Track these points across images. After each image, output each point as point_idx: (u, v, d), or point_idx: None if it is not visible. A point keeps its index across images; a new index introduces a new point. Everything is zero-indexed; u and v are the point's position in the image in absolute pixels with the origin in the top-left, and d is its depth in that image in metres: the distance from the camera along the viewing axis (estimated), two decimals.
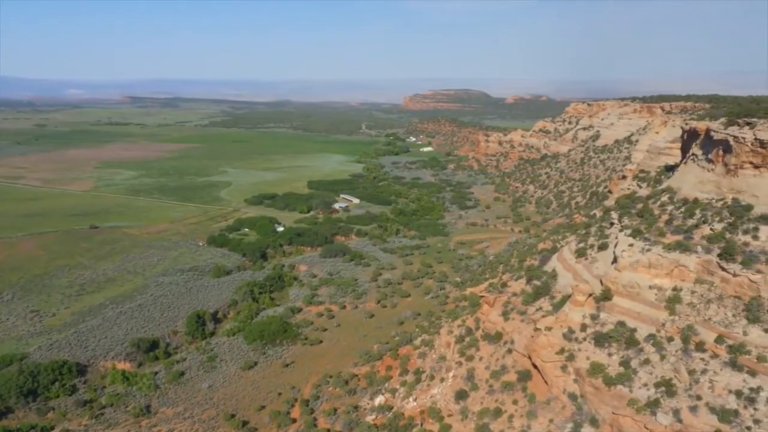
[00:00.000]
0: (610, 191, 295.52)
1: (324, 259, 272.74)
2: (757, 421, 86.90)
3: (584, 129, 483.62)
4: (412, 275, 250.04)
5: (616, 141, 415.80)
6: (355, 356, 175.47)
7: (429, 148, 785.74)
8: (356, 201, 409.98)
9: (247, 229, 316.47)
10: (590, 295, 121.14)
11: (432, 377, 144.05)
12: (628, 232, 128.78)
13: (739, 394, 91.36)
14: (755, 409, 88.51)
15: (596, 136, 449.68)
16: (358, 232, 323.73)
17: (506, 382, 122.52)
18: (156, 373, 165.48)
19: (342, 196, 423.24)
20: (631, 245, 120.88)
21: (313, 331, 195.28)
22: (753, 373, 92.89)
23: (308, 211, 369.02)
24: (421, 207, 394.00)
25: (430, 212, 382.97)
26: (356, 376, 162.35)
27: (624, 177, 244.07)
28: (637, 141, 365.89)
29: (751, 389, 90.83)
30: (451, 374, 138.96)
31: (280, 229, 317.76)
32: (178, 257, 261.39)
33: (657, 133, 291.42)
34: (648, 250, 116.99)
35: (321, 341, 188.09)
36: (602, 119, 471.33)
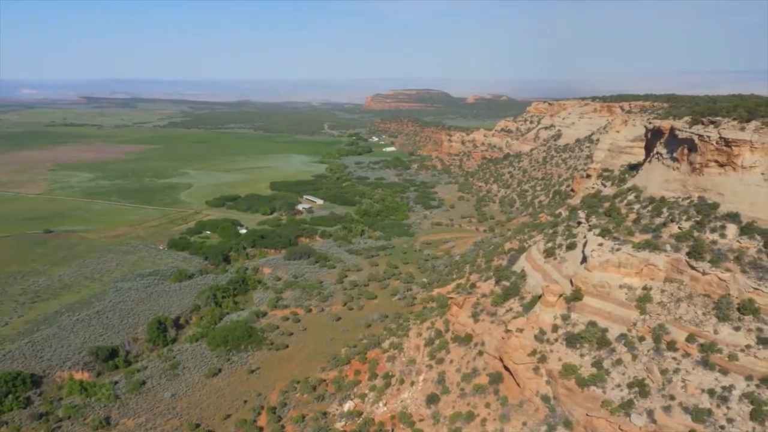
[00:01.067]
0: (573, 190, 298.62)
1: (288, 261, 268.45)
2: (730, 420, 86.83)
3: (546, 128, 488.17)
4: (378, 277, 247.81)
5: (578, 140, 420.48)
6: (322, 361, 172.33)
7: (392, 148, 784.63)
8: (320, 202, 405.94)
9: (209, 232, 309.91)
10: (561, 295, 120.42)
11: (402, 381, 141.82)
12: (597, 231, 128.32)
13: (711, 393, 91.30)
14: (728, 407, 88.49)
15: (558, 136, 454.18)
16: (323, 233, 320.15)
17: (478, 385, 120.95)
18: (116, 382, 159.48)
19: (305, 197, 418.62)
20: (600, 245, 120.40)
21: (278, 335, 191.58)
22: (725, 372, 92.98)
23: (271, 213, 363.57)
24: (385, 207, 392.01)
25: (394, 212, 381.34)
26: (324, 381, 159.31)
27: (588, 176, 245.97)
28: (598, 140, 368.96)
29: (724, 388, 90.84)
30: (421, 378, 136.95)
31: (243, 231, 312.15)
32: (138, 262, 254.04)
33: (618, 132, 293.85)
34: (617, 250, 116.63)
35: (287, 346, 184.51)
36: (563, 118, 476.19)
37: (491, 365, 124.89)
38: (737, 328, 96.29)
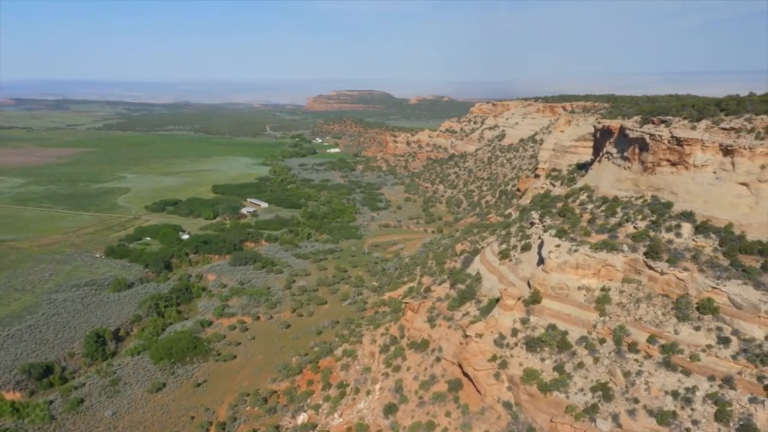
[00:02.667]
0: (519, 189, 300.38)
1: (234, 267, 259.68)
2: (695, 422, 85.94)
3: (490, 129, 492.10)
4: (327, 281, 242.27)
5: (521, 140, 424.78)
6: (272, 371, 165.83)
7: (336, 150, 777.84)
8: (264, 205, 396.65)
9: (149, 238, 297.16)
10: (519, 298, 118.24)
11: (357, 390, 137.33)
12: (553, 232, 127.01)
13: (675, 394, 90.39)
14: (692, 409, 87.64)
15: (502, 136, 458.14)
16: (269, 237, 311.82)
17: (437, 392, 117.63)
18: (51, 401, 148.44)
19: (249, 200, 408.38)
20: (557, 246, 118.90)
21: (225, 345, 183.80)
22: (687, 373, 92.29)
23: (214, 217, 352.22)
24: (332, 209, 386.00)
25: (341, 215, 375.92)
26: (275, 392, 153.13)
27: (537, 176, 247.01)
28: (542, 140, 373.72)
29: (687, 389, 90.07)
30: (377, 386, 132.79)
31: (185, 236, 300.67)
32: (73, 271, 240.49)
33: (562, 132, 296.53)
34: (575, 251, 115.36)
35: (235, 356, 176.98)
36: (507, 119, 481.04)
37: (450, 372, 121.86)
38: (697, 328, 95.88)
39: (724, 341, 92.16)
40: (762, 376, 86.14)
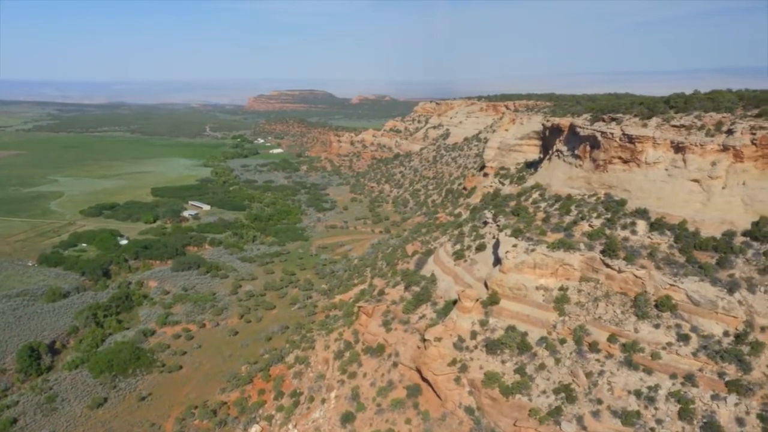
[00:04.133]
0: (465, 188, 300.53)
1: (176, 272, 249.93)
2: (659, 421, 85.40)
3: (434, 128, 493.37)
4: (275, 285, 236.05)
5: (466, 139, 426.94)
6: (221, 381, 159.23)
7: (279, 150, 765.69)
8: (207, 207, 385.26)
9: (85, 245, 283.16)
10: (477, 300, 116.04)
11: (312, 399, 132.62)
12: (509, 231, 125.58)
13: (638, 394, 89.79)
14: (656, 408, 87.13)
15: (446, 135, 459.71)
16: (212, 241, 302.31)
17: (396, 399, 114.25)
18: None
19: (191, 202, 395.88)
20: (514, 246, 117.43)
21: (170, 355, 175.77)
22: (649, 372, 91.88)
23: (154, 221, 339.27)
24: (277, 211, 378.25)
25: (287, 216, 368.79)
26: (225, 404, 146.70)
27: (486, 174, 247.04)
28: (486, 139, 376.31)
29: (650, 388, 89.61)
30: (333, 394, 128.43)
31: (124, 242, 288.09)
32: (3, 281, 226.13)
33: (506, 130, 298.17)
34: (532, 250, 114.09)
35: (181, 367, 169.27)
36: (451, 118, 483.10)
37: (408, 377, 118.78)
38: (657, 326, 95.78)
39: (684, 338, 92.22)
40: (723, 373, 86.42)
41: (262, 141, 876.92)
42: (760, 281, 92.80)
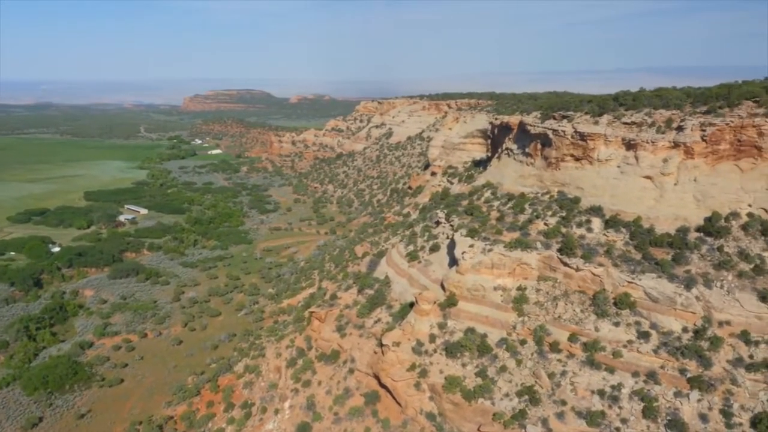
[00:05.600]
0: (410, 187, 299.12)
1: (114, 280, 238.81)
2: (624, 421, 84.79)
3: (377, 127, 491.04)
4: (219, 291, 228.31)
5: (409, 138, 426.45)
6: (166, 394, 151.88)
7: (218, 151, 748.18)
8: (144, 211, 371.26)
9: (13, 253, 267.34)
10: (435, 302, 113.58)
11: (264, 410, 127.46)
12: (464, 231, 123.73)
13: (602, 393, 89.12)
14: (620, 407, 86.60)
15: (389, 134, 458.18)
16: (151, 246, 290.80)
17: (354, 407, 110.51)
18: None
19: (127, 206, 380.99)
20: (471, 246, 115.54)
21: (110, 368, 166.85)
22: (611, 370, 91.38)
23: (89, 227, 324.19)
24: (218, 214, 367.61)
25: (228, 219, 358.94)
26: (172, 418, 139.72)
27: (433, 174, 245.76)
28: (429, 138, 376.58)
29: (613, 387, 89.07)
30: (287, 404, 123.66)
31: (56, 249, 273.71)
32: None
33: (450, 129, 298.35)
34: (489, 250, 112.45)
35: (122, 380, 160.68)
36: (393, 117, 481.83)
37: (365, 383, 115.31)
38: (617, 324, 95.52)
39: (644, 336, 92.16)
40: (684, 369, 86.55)
41: (199, 142, 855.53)
42: (716, 276, 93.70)
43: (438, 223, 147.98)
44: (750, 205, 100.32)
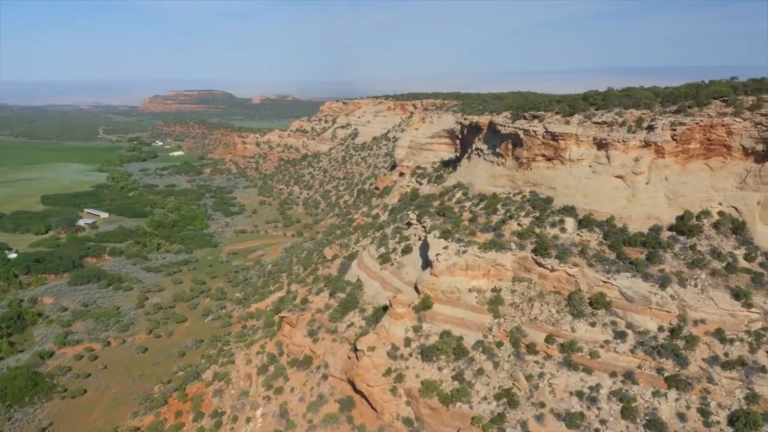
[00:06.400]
0: (377, 188, 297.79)
1: (74, 287, 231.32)
2: (603, 422, 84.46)
3: (342, 127, 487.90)
4: (184, 296, 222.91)
5: (375, 138, 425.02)
6: (132, 404, 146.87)
7: (180, 152, 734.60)
8: (105, 215, 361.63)
9: None
10: (409, 305, 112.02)
11: (235, 419, 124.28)
12: (437, 233, 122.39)
13: (580, 394, 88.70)
14: (599, 408, 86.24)
15: (355, 134, 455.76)
16: (113, 251, 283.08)
17: (328, 414, 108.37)
18: None
19: (87, 210, 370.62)
20: (445, 247, 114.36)
21: (73, 379, 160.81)
22: (589, 371, 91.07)
23: (47, 232, 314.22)
24: (181, 217, 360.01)
25: (192, 222, 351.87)
26: (138, 429, 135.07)
27: (402, 174, 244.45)
28: (395, 138, 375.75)
29: (591, 388, 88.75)
30: (259, 412, 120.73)
31: (13, 255, 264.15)
32: None
33: (417, 129, 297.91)
34: (464, 252, 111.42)
35: (85, 391, 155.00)
36: (359, 117, 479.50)
37: (339, 389, 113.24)
38: (593, 324, 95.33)
39: (621, 335, 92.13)
40: (661, 369, 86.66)
41: (160, 143, 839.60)
42: (690, 275, 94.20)
43: (409, 224, 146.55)
44: (721, 204, 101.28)
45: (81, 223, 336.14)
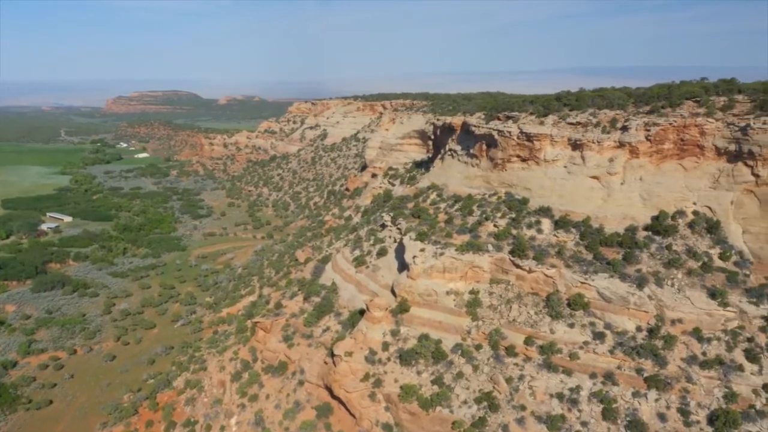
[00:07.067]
0: (348, 189, 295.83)
1: (37, 293, 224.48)
2: (584, 423, 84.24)
3: (311, 128, 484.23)
4: (153, 301, 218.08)
5: (344, 139, 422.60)
6: (101, 414, 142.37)
7: (145, 154, 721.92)
8: (68, 219, 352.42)
9: None
10: (387, 308, 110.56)
11: (209, 427, 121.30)
12: (413, 235, 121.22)
13: (560, 396, 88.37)
14: (579, 410, 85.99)
15: (324, 135, 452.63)
16: (77, 256, 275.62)
17: (306, 422, 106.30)
18: None
19: (50, 214, 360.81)
20: (422, 250, 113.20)
21: (37, 389, 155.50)
22: (569, 373, 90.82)
23: (7, 237, 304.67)
24: (148, 220, 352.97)
25: (159, 225, 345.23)
26: None
27: (374, 175, 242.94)
28: (365, 138, 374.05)
29: (571, 390, 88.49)
30: (233, 421, 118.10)
31: None
32: None
33: (387, 130, 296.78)
34: (441, 254, 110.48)
35: (51, 401, 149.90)
36: (327, 118, 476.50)
37: (316, 395, 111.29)
38: (572, 325, 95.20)
39: (599, 336, 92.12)
40: (640, 369, 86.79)
41: (125, 145, 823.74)
42: (666, 275, 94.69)
43: (384, 226, 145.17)
44: (695, 204, 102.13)
45: (44, 227, 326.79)
